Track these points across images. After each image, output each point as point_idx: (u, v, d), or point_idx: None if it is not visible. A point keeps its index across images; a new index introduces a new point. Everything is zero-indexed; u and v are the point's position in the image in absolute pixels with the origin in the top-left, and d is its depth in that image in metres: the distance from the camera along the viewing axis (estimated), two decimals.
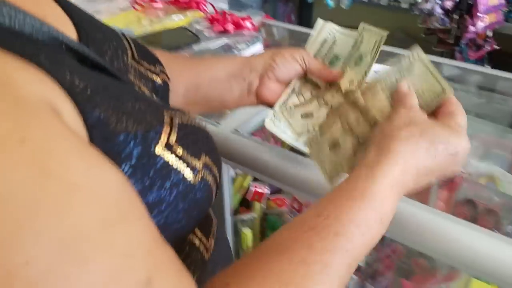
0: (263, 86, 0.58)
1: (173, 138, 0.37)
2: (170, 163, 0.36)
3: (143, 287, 0.26)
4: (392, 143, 0.42)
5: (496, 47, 1.92)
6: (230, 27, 0.88)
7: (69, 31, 0.41)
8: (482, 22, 1.83)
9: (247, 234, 0.89)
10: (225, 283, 0.34)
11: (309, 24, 2.80)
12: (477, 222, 0.75)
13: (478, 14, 1.80)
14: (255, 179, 0.92)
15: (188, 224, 0.38)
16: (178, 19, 0.92)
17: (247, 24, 0.89)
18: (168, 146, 0.36)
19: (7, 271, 0.22)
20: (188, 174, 0.37)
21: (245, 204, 0.94)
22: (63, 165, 0.26)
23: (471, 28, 1.85)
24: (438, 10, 1.87)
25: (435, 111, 0.48)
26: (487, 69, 0.93)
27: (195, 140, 0.40)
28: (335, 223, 0.38)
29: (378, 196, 0.39)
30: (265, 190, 0.90)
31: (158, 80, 0.50)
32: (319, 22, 0.61)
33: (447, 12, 1.88)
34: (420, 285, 0.74)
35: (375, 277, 0.80)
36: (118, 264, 0.26)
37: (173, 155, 0.36)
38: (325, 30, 0.60)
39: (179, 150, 0.37)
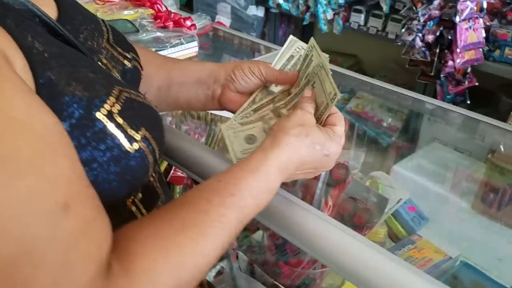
0: (224, 96, 0.65)
1: (115, 108, 0.44)
2: (108, 128, 0.43)
3: (60, 208, 0.33)
4: (285, 136, 0.51)
5: (476, 83, 1.96)
6: (170, 23, 0.97)
7: (49, 8, 0.51)
8: (461, 58, 1.88)
9: None
10: (135, 227, 0.41)
11: None
12: (355, 217, 0.81)
13: (457, 50, 1.86)
14: None
15: (120, 187, 0.45)
16: (127, 13, 1.03)
17: (187, 23, 0.98)
18: (109, 114, 0.44)
19: None
20: (124, 141, 0.44)
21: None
22: (5, 100, 0.34)
23: (450, 63, 1.90)
24: (419, 43, 1.93)
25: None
26: (467, 112, 0.98)
27: (137, 115, 0.47)
28: (232, 187, 0.46)
29: (268, 172, 0.49)
30: (184, 174, 0.97)
31: (128, 65, 0.59)
32: (290, 38, 0.65)
33: (428, 45, 1.94)
34: (294, 268, 0.80)
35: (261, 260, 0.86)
36: (42, 186, 0.33)
37: (113, 123, 0.43)
38: (293, 47, 0.65)
39: (119, 120, 0.44)
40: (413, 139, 2.00)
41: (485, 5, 1.84)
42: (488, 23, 1.91)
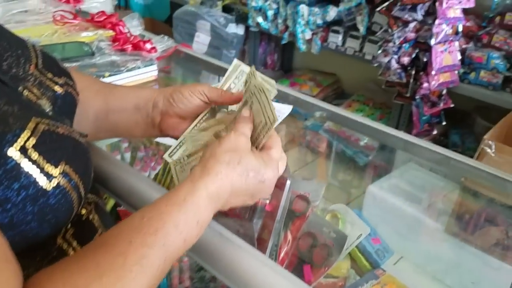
0: (164, 122, 0.62)
1: (30, 142, 0.41)
2: (22, 165, 0.40)
3: None
4: (215, 164, 0.49)
5: (452, 105, 1.96)
6: (128, 47, 0.94)
7: None
8: (436, 81, 1.88)
9: None
10: (46, 276, 0.38)
11: (290, 65, 2.89)
12: (314, 254, 0.77)
13: (432, 72, 1.86)
14: None
15: (41, 227, 0.41)
16: (85, 35, 0.99)
17: (147, 46, 0.95)
18: (23, 149, 0.40)
19: None
20: (40, 178, 0.41)
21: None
22: None
23: (425, 85, 1.90)
24: (395, 65, 1.93)
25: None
26: (435, 147, 0.95)
27: (56, 148, 0.44)
28: (156, 223, 0.43)
29: (196, 203, 0.46)
30: None
31: (59, 90, 0.55)
32: (235, 62, 0.65)
33: (404, 67, 1.94)
34: None
35: None
36: None
37: (27, 159, 0.40)
38: (238, 70, 0.64)
39: (34, 155, 0.41)
40: (390, 159, 2.00)
41: (460, 28, 1.85)
42: (463, 46, 1.92)
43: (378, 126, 0.98)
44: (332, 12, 2.12)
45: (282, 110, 0.88)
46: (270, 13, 2.31)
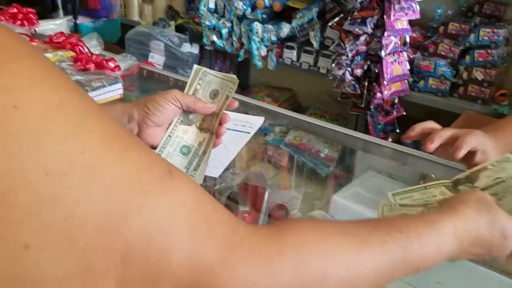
0: (143, 133, 0.62)
1: None
2: None
3: (167, 173, 0.33)
4: (464, 207, 0.49)
5: (404, 113, 2.05)
6: (91, 66, 0.92)
7: None
8: (388, 90, 1.96)
9: None
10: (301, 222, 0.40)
11: (247, 82, 2.92)
12: None
13: (384, 82, 1.94)
14: None
15: None
16: None
17: (110, 65, 0.93)
18: None
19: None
20: None
21: None
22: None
23: (378, 95, 1.98)
24: (349, 77, 2.00)
25: None
26: (395, 145, 0.99)
27: None
28: (401, 226, 0.44)
29: (441, 231, 0.46)
30: None
31: None
32: (195, 68, 0.67)
33: (357, 78, 2.01)
34: None
35: None
36: (147, 157, 0.33)
37: None
38: (199, 75, 0.67)
39: None
40: (350, 168, 2.06)
41: (408, 39, 1.95)
42: (411, 56, 2.02)
43: (343, 130, 1.00)
44: (286, 29, 2.17)
45: (254, 122, 0.89)
46: (224, 31, 2.33)
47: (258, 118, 0.90)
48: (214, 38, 2.39)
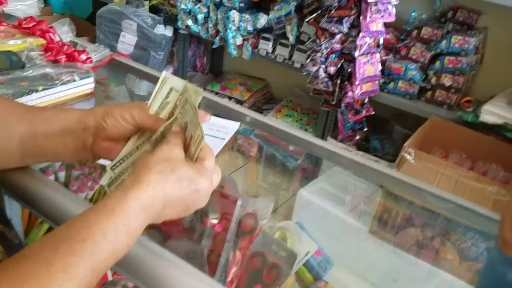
0: (96, 145, 0.59)
1: None
2: None
3: None
4: (147, 174, 0.48)
5: (373, 112, 2.09)
6: (62, 57, 0.88)
7: None
8: (359, 90, 1.99)
9: None
10: None
11: (220, 69, 2.89)
12: (264, 274, 0.79)
13: (356, 82, 1.96)
14: None
15: None
16: (14, 43, 0.91)
17: (82, 57, 0.90)
18: None
19: None
20: None
21: None
22: None
23: (350, 93, 2.00)
24: (322, 74, 2.01)
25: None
26: (356, 157, 0.97)
27: None
28: (84, 232, 0.43)
29: (127, 213, 0.46)
30: None
31: None
32: (163, 75, 0.61)
33: (330, 76, 2.03)
34: None
35: None
36: None
37: None
38: (167, 84, 0.61)
39: None
40: (317, 162, 2.09)
41: (382, 41, 1.98)
42: (383, 58, 2.05)
43: (304, 136, 1.00)
44: (263, 20, 2.15)
45: (230, 127, 0.89)
46: (200, 16, 2.29)
47: (234, 123, 0.89)
48: (189, 22, 2.34)
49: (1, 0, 1.11)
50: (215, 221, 0.77)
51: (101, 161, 0.77)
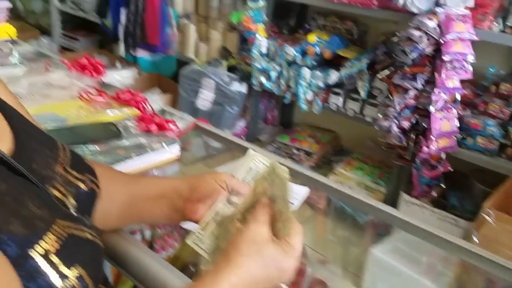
0: (188, 208, 0.67)
1: (53, 247, 0.45)
2: (42, 267, 0.43)
3: None
4: (236, 256, 0.54)
5: (450, 169, 2.02)
6: (153, 127, 0.99)
7: (4, 140, 0.52)
8: (435, 146, 1.94)
9: None
10: None
11: (290, 121, 2.96)
12: None
13: (432, 137, 1.92)
14: None
15: None
16: (113, 114, 1.04)
17: (171, 126, 1.00)
18: (43, 251, 0.44)
19: None
20: (56, 280, 0.44)
21: None
22: None
23: (425, 149, 1.96)
24: (395, 129, 2.00)
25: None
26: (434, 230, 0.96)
27: (76, 252, 0.48)
28: None
29: None
30: None
31: (83, 187, 0.60)
32: (248, 152, 0.68)
33: (404, 130, 2.01)
34: None
35: None
36: None
37: (46, 262, 0.43)
38: (251, 160, 0.67)
39: (55, 259, 0.44)
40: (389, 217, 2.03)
41: (458, 97, 1.94)
42: (461, 113, 2.00)
43: (369, 201, 1.00)
44: (334, 76, 2.21)
45: (299, 192, 0.91)
46: (273, 74, 2.40)
47: (303, 188, 0.92)
48: (263, 79, 2.46)
49: (101, 72, 1.26)
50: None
51: (186, 225, 0.84)
